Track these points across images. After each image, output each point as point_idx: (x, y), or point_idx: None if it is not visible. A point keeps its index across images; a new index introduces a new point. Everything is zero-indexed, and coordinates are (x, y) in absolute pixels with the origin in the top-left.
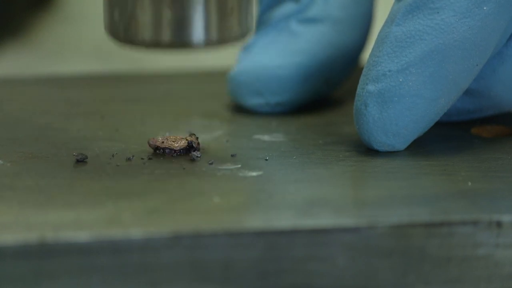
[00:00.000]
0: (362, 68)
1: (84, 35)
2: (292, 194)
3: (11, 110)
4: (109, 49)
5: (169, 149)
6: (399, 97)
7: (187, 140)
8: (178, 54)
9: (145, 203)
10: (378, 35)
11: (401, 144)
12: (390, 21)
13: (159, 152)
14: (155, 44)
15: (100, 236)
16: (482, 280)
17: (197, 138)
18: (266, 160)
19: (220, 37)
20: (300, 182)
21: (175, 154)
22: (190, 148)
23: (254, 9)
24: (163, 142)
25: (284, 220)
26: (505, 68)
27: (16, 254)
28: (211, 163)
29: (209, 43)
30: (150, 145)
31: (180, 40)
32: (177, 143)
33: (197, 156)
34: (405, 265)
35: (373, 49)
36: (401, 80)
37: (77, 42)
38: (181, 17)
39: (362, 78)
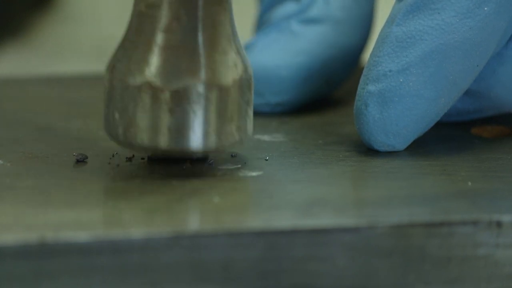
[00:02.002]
0: (362, 68)
1: (84, 35)
2: (292, 194)
3: (11, 110)
4: (109, 49)
5: None
6: (400, 97)
7: None
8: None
9: (145, 203)
10: (379, 35)
11: (401, 144)
12: (391, 21)
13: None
14: (153, 149)
15: (100, 236)
16: (482, 280)
17: None
18: (266, 160)
19: (219, 144)
20: (300, 182)
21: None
22: None
23: (252, 113)
24: None
25: (284, 220)
26: (505, 69)
27: (16, 254)
28: (211, 163)
29: (207, 150)
30: None
31: (179, 147)
32: None
33: (197, 156)
34: (405, 265)
35: (373, 49)
36: (401, 80)
37: (77, 42)
38: (181, 124)
39: (362, 78)
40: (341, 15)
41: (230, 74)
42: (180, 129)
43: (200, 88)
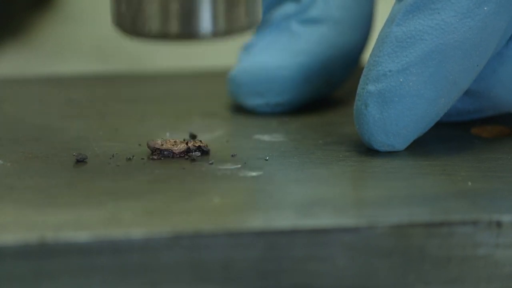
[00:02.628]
0: (362, 68)
1: (84, 35)
2: (292, 194)
3: (11, 110)
4: (109, 49)
5: (168, 151)
6: (400, 97)
7: (187, 144)
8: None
9: (145, 203)
10: (379, 35)
11: (401, 144)
12: (391, 21)
13: (157, 157)
14: (163, 35)
15: (100, 236)
16: (482, 280)
17: (200, 141)
18: (266, 160)
19: (228, 28)
20: (300, 182)
21: (176, 156)
22: (188, 151)
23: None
24: (162, 145)
25: (284, 220)
26: (505, 69)
27: (16, 254)
28: (211, 163)
29: (216, 34)
30: (149, 147)
31: (187, 31)
32: (176, 146)
33: (197, 156)
34: (405, 265)
35: (373, 49)
36: (401, 80)
37: (77, 42)
38: (188, 8)
39: (362, 78)
40: (341, 15)
41: None
42: (188, 12)
43: None
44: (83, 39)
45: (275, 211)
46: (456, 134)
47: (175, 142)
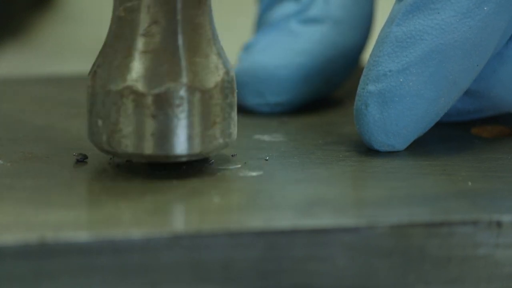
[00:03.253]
0: (362, 69)
1: (84, 35)
2: (292, 194)
3: (11, 110)
4: None
5: None
6: (400, 97)
7: None
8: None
9: (145, 203)
10: (379, 35)
11: (401, 144)
12: (391, 21)
13: None
14: (138, 156)
15: (100, 236)
16: (482, 280)
17: None
18: (266, 160)
19: (203, 149)
20: (300, 182)
21: None
22: None
23: (235, 117)
24: None
25: (284, 220)
26: (505, 68)
27: (16, 254)
28: (211, 163)
29: (191, 156)
30: None
31: (163, 153)
32: None
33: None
34: (405, 265)
35: (373, 49)
36: (401, 80)
37: (77, 42)
38: (164, 129)
39: (362, 78)
40: (341, 15)
41: (212, 77)
42: (164, 134)
43: (182, 92)
44: (83, 39)
45: (275, 211)
46: (456, 134)
47: None
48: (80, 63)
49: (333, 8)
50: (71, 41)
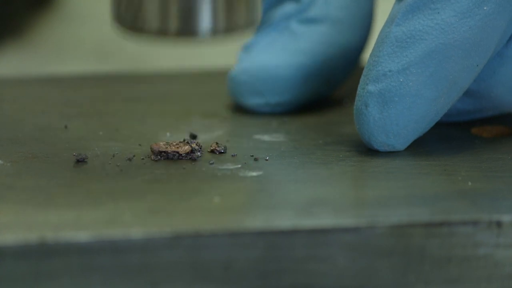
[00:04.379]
0: (362, 68)
1: (84, 35)
2: (292, 194)
3: (11, 110)
4: (109, 49)
5: (174, 153)
6: (400, 97)
7: (190, 146)
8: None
9: (145, 203)
10: (379, 35)
11: (401, 144)
12: (391, 21)
13: (162, 158)
14: (162, 33)
15: (100, 236)
16: (482, 280)
17: (216, 143)
18: (266, 160)
19: (227, 26)
20: (300, 182)
21: (181, 158)
22: (193, 152)
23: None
24: (166, 148)
25: (284, 220)
26: (505, 69)
27: (16, 254)
28: (211, 163)
29: (216, 32)
30: (153, 151)
31: (186, 30)
32: (180, 148)
33: (199, 156)
34: (405, 265)
35: (373, 49)
36: (401, 80)
37: (77, 42)
38: (188, 6)
39: (362, 78)
40: (340, 15)
41: None
42: (188, 11)
43: None
44: (83, 39)
45: (275, 211)
46: (456, 134)
47: (177, 143)
48: (80, 63)
49: (333, 8)
50: (71, 41)
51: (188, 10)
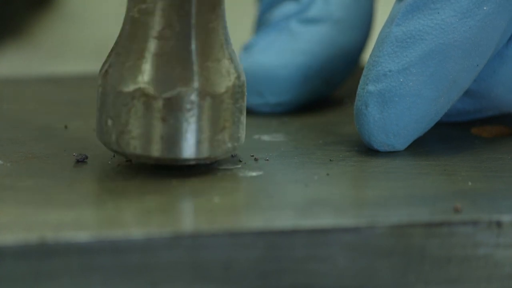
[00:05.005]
0: (362, 68)
1: (85, 35)
2: (292, 194)
3: (11, 110)
4: (109, 49)
5: None
6: (400, 97)
7: None
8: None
9: (145, 203)
10: (379, 35)
11: (401, 144)
12: (391, 21)
13: None
14: (146, 158)
15: (100, 236)
16: (482, 280)
17: None
18: (266, 160)
19: (211, 153)
20: (300, 182)
21: None
22: None
23: (244, 120)
24: None
25: (284, 220)
26: (506, 69)
27: (16, 254)
28: (211, 163)
29: (199, 160)
30: None
31: (171, 156)
32: None
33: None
34: (405, 265)
35: (373, 49)
36: (401, 80)
37: (77, 42)
38: (173, 133)
39: (362, 78)
40: (340, 15)
41: (223, 82)
42: (173, 137)
43: (193, 96)
44: (83, 39)
45: (275, 211)
46: (456, 134)
47: None
48: (80, 63)
49: (333, 8)
50: (71, 41)
51: (172, 137)
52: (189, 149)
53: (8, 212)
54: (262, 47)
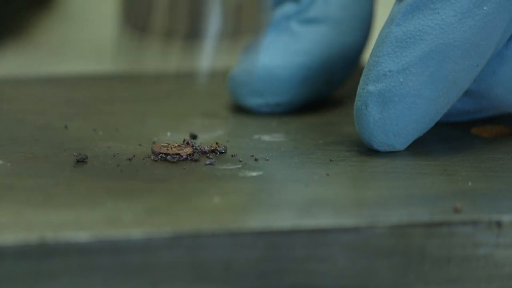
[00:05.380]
0: (362, 68)
1: (85, 35)
2: (292, 194)
3: (11, 110)
4: (109, 49)
5: (175, 155)
6: (400, 97)
7: (192, 147)
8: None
9: (145, 203)
10: (379, 35)
11: (401, 144)
12: (391, 21)
13: (163, 158)
14: (171, 32)
15: (100, 236)
16: (482, 280)
17: (217, 143)
18: (266, 160)
19: (235, 30)
20: (300, 182)
21: (182, 159)
22: (194, 152)
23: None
24: (167, 150)
25: (284, 220)
26: (505, 69)
27: (16, 254)
28: (211, 163)
29: (223, 36)
30: (154, 153)
31: (195, 30)
32: (182, 150)
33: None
34: (405, 265)
35: (373, 49)
36: (401, 80)
37: (77, 42)
38: (198, 8)
39: (362, 78)
40: (340, 15)
41: None
42: (197, 13)
43: None
44: (83, 39)
45: (275, 211)
46: (456, 134)
47: (179, 145)
48: (80, 63)
49: (333, 8)
50: (71, 41)
51: (197, 12)
52: (213, 24)
53: (8, 212)
54: (262, 47)
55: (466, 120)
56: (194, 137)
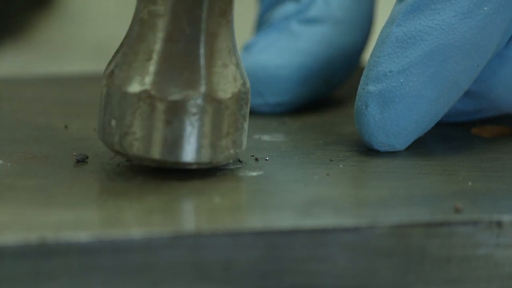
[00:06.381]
0: (362, 69)
1: (85, 35)
2: (292, 194)
3: (11, 110)
4: (109, 49)
5: None
6: (400, 97)
7: None
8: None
9: (145, 203)
10: (379, 36)
11: (401, 144)
12: (391, 21)
13: None
14: (148, 159)
15: (101, 236)
16: (482, 280)
17: None
18: (266, 160)
19: (213, 158)
20: (300, 182)
21: None
22: None
23: (247, 127)
24: None
25: (284, 220)
26: (506, 69)
27: (16, 254)
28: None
29: (200, 164)
30: None
31: (172, 159)
32: None
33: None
34: (405, 265)
35: (374, 49)
36: (402, 80)
37: (77, 42)
38: (177, 136)
39: (363, 78)
40: (341, 15)
41: (229, 88)
42: (176, 140)
43: (199, 100)
44: (83, 39)
45: (275, 211)
46: (456, 134)
47: None
48: (80, 63)
49: (333, 8)
50: (71, 41)
51: (175, 141)
52: (191, 153)
53: (8, 212)
54: (262, 47)
55: (466, 121)
56: None
